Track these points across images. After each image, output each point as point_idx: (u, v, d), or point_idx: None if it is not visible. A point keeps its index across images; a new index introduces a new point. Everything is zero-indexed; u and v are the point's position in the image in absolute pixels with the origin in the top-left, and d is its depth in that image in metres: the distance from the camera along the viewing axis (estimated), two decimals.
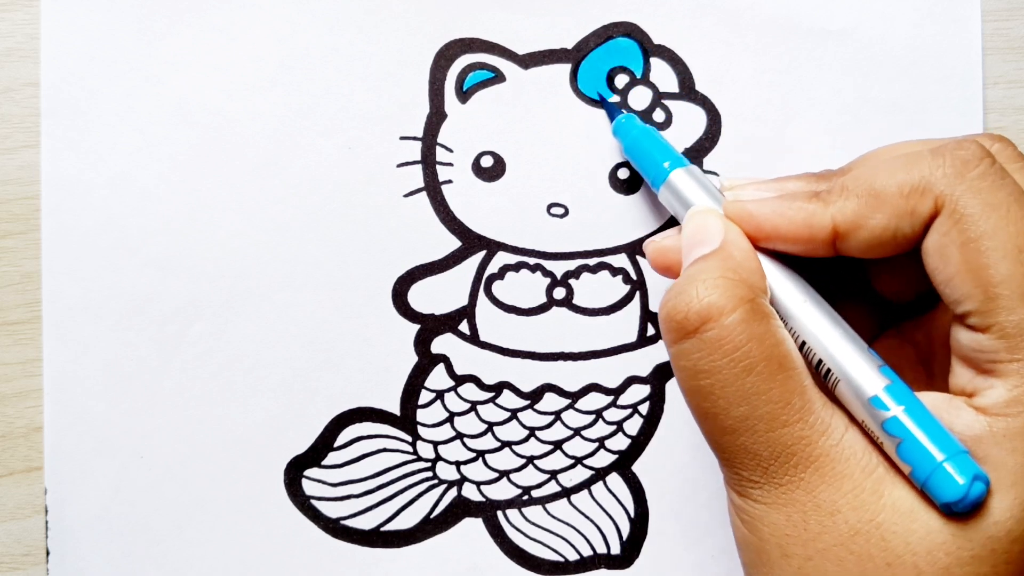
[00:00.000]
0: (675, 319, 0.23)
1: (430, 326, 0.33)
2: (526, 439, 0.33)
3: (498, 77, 0.33)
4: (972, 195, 0.22)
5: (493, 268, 0.33)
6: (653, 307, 0.33)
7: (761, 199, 0.25)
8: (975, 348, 0.22)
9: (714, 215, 0.26)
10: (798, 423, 0.22)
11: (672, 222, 0.33)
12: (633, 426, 0.33)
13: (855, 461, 0.22)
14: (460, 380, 0.33)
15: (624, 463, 0.33)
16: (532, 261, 0.33)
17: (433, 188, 0.33)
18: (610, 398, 0.33)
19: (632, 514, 0.33)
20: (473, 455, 0.33)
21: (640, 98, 0.33)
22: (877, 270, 0.27)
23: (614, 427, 0.33)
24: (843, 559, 0.22)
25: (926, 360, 0.26)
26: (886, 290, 0.27)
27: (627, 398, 0.33)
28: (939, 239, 0.22)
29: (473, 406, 0.33)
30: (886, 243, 0.23)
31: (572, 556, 0.33)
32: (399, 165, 0.33)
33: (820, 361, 0.24)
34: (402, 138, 0.33)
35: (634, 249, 0.33)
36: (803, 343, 0.24)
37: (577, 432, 0.33)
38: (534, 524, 0.33)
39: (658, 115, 0.33)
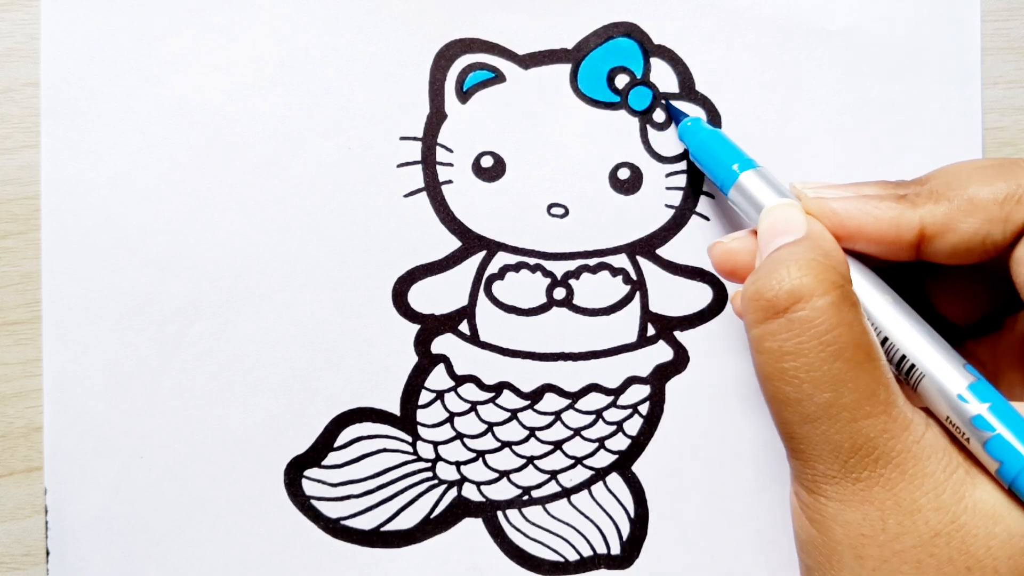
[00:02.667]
0: (765, 296, 0.23)
1: (430, 326, 0.33)
2: (526, 439, 0.33)
3: (498, 77, 0.33)
4: None
5: (493, 268, 0.33)
6: (653, 307, 0.33)
7: (843, 197, 0.25)
8: None
9: (796, 209, 0.26)
10: (882, 415, 0.22)
11: (671, 227, 0.33)
12: (633, 426, 0.33)
13: (936, 459, 0.22)
14: (460, 380, 0.33)
15: (624, 463, 0.33)
16: (532, 261, 0.33)
17: (433, 188, 0.33)
18: (610, 398, 0.33)
19: (632, 514, 0.33)
20: (473, 455, 0.33)
21: (640, 98, 0.33)
22: (939, 291, 0.26)
23: (614, 427, 0.33)
24: (922, 562, 0.21)
25: (993, 380, 0.26)
26: (949, 311, 0.26)
27: (627, 398, 0.33)
28: None
29: (473, 406, 0.33)
30: (973, 249, 0.23)
31: (572, 556, 0.33)
32: (399, 165, 0.33)
33: (903, 358, 0.24)
34: (402, 138, 0.33)
35: (634, 249, 0.33)
36: (884, 339, 0.24)
37: (577, 432, 0.33)
38: (534, 524, 0.33)
39: (658, 115, 0.33)
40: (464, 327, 0.33)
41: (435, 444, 0.33)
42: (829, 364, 0.22)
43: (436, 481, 0.33)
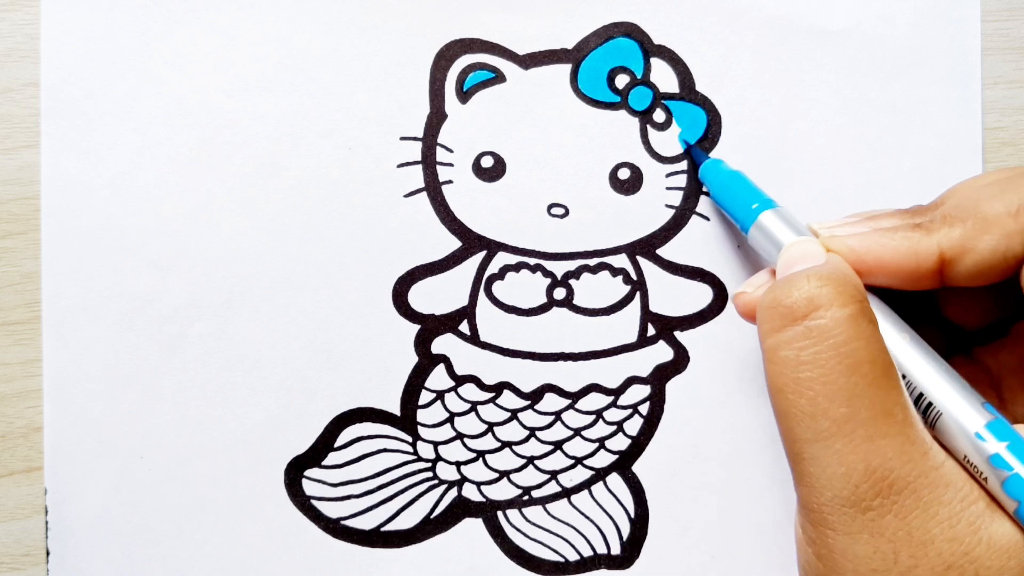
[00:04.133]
0: (783, 303, 0.22)
1: (430, 326, 0.33)
2: (526, 439, 0.33)
3: (498, 77, 0.33)
4: None
5: (493, 268, 0.33)
6: (653, 307, 0.33)
7: (859, 233, 0.25)
8: None
9: (814, 243, 0.25)
10: (899, 436, 0.21)
11: (671, 227, 0.33)
12: (633, 426, 0.33)
13: (955, 489, 0.21)
14: (460, 380, 0.33)
15: (624, 463, 0.33)
16: (532, 261, 0.33)
17: (433, 188, 0.33)
18: (610, 398, 0.33)
19: (632, 514, 0.33)
20: (473, 455, 0.33)
21: (640, 98, 0.33)
22: (948, 298, 0.26)
23: (614, 427, 0.33)
24: None
25: (997, 386, 0.26)
26: (957, 317, 0.26)
27: (627, 398, 0.33)
28: None
29: (473, 406, 0.33)
30: (996, 265, 0.23)
31: (572, 556, 0.33)
32: (399, 165, 0.33)
33: (920, 395, 0.23)
34: (402, 138, 0.33)
35: (634, 249, 0.33)
36: (902, 376, 0.23)
37: (577, 432, 0.33)
38: (534, 524, 0.33)
39: (658, 115, 0.33)
40: (464, 327, 0.33)
41: (435, 444, 0.33)
42: (846, 377, 0.21)
43: (436, 481, 0.33)
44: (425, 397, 0.33)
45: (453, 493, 0.33)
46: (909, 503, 0.21)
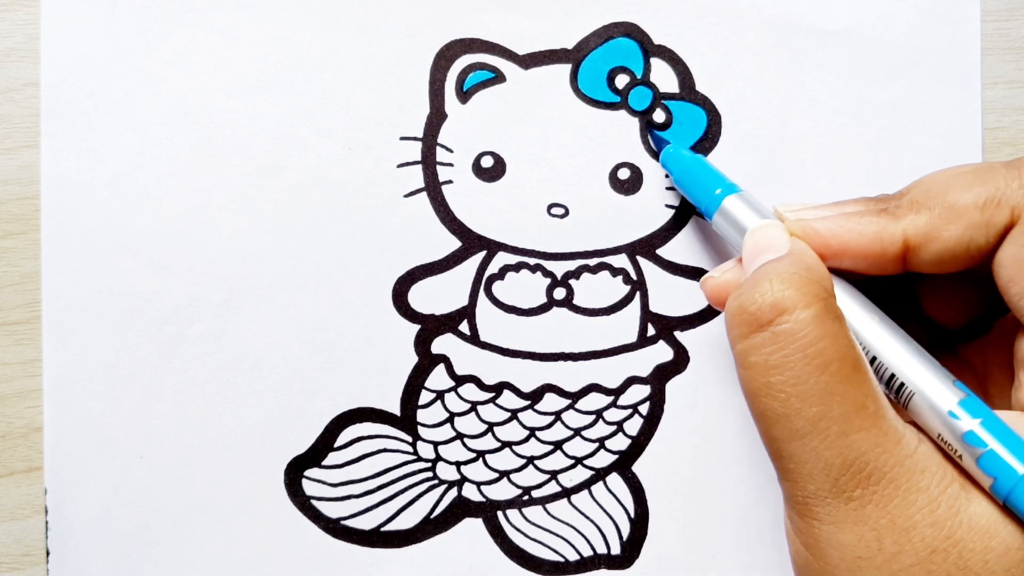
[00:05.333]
0: (748, 310, 0.22)
1: (430, 326, 0.33)
2: (526, 439, 0.33)
3: (498, 77, 0.33)
4: None
5: (493, 268, 0.33)
6: (653, 307, 0.33)
7: (824, 216, 0.25)
8: None
9: (778, 228, 0.25)
10: (872, 428, 0.21)
11: (671, 227, 0.33)
12: (633, 426, 0.33)
13: (930, 474, 0.22)
14: (460, 380, 0.33)
15: (624, 463, 0.33)
16: (532, 261, 0.33)
17: (433, 188, 0.33)
18: (610, 398, 0.33)
19: (632, 514, 0.33)
20: (473, 455, 0.33)
21: (640, 98, 0.33)
22: (929, 295, 0.26)
23: (614, 427, 0.33)
24: None
25: (982, 381, 0.26)
26: (939, 315, 0.26)
27: (627, 398, 0.33)
28: (1016, 250, 0.22)
29: (473, 406, 0.33)
30: (958, 256, 0.23)
31: (572, 556, 0.33)
32: (399, 165, 0.33)
33: (892, 376, 0.23)
34: (402, 138, 0.33)
35: (634, 249, 0.33)
36: (873, 358, 0.24)
37: (577, 432, 0.33)
38: (534, 524, 0.33)
39: (658, 115, 0.33)
40: (464, 327, 0.33)
41: (435, 444, 0.33)
42: (816, 377, 0.21)
43: (436, 481, 0.33)
44: (425, 397, 0.33)
45: (453, 493, 0.33)
46: (888, 492, 0.21)
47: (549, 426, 0.33)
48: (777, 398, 0.22)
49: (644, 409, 0.33)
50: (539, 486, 0.33)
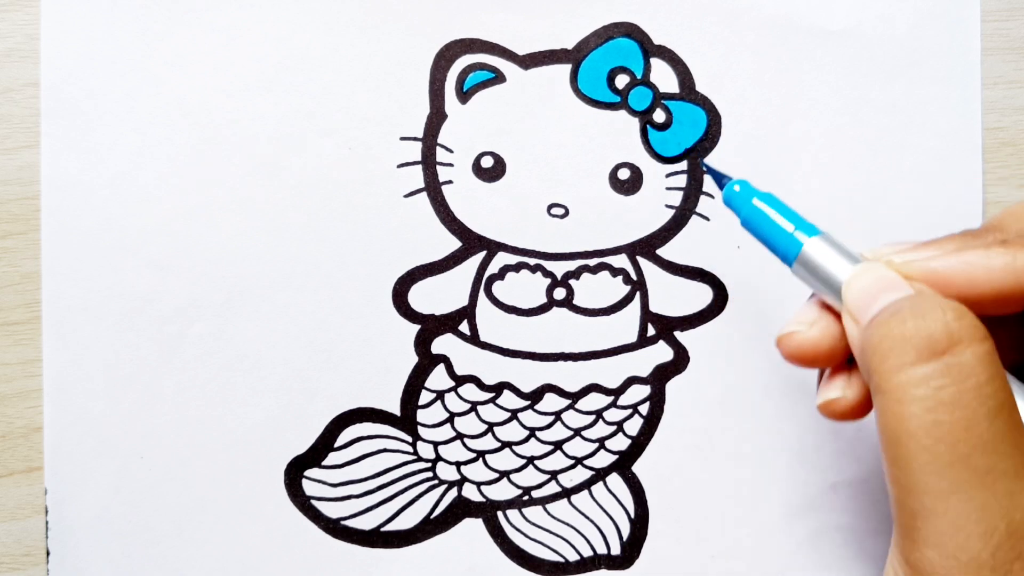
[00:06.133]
0: (920, 335, 0.19)
1: (430, 326, 0.33)
2: (526, 439, 0.33)
3: (498, 77, 0.33)
4: None
5: (493, 268, 0.33)
6: (653, 307, 0.33)
7: (933, 254, 0.22)
8: None
9: (887, 270, 0.22)
10: None
11: (671, 227, 0.33)
12: (633, 426, 0.33)
13: None
14: (460, 380, 0.33)
15: (624, 463, 0.33)
16: (532, 261, 0.33)
17: (433, 188, 0.33)
18: (610, 398, 0.33)
19: (632, 514, 0.33)
20: (473, 455, 0.33)
21: (640, 98, 0.33)
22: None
23: (614, 427, 0.33)
24: None
25: None
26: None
27: (627, 398, 0.33)
28: None
29: (473, 406, 0.33)
30: None
31: (572, 556, 0.33)
32: (399, 166, 0.33)
33: None
34: (402, 138, 0.33)
35: (634, 249, 0.33)
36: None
37: (577, 432, 0.33)
38: (534, 524, 0.33)
39: (658, 115, 0.33)
40: (464, 327, 0.33)
41: (435, 444, 0.33)
42: (989, 421, 0.18)
43: (436, 481, 0.33)
44: (425, 397, 0.33)
45: (453, 493, 0.33)
46: None
47: (549, 426, 0.33)
48: (944, 440, 0.19)
49: (644, 409, 0.33)
50: (539, 486, 0.33)
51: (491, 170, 0.33)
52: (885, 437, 0.20)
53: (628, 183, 0.33)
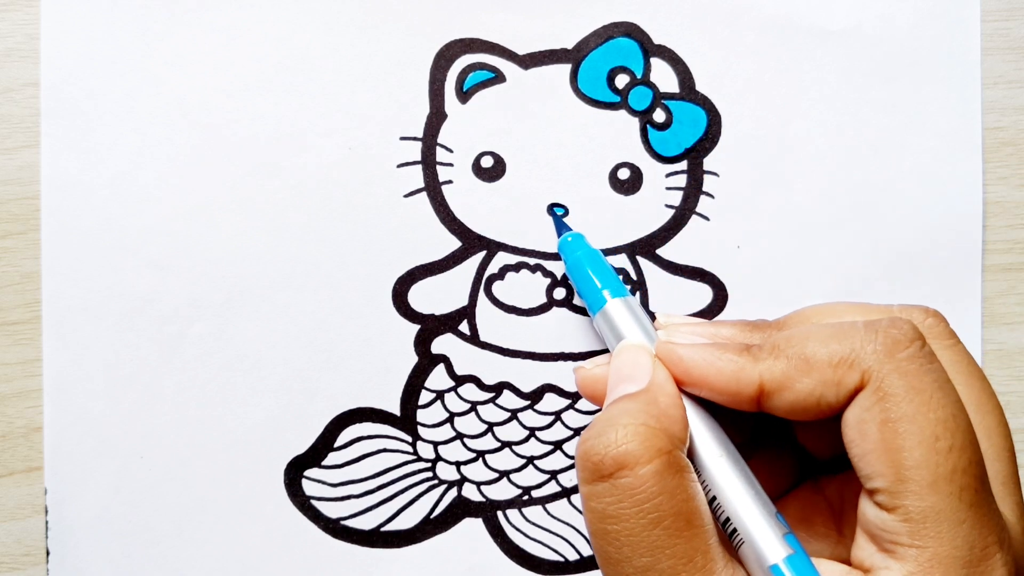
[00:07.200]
0: (592, 460, 0.23)
1: (430, 326, 0.33)
2: (526, 439, 0.33)
3: (498, 77, 0.33)
4: (898, 376, 0.22)
5: (493, 268, 0.33)
6: (653, 307, 0.33)
7: (693, 344, 0.25)
8: (879, 526, 0.22)
9: (645, 353, 0.26)
10: None
11: (671, 227, 0.33)
12: None
13: None
14: (460, 380, 0.33)
15: None
16: (532, 261, 0.33)
17: (433, 188, 0.33)
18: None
19: None
20: (473, 455, 0.33)
21: (640, 98, 0.33)
22: (800, 425, 0.26)
23: None
24: None
25: (838, 517, 0.26)
26: (808, 444, 0.27)
27: None
28: (860, 413, 0.23)
29: (473, 406, 0.33)
30: (809, 408, 0.23)
31: (572, 556, 0.33)
32: (399, 165, 0.33)
33: (727, 520, 0.24)
34: (402, 138, 0.33)
35: (634, 249, 0.33)
36: (713, 498, 0.24)
37: (577, 432, 0.33)
38: (534, 524, 0.33)
39: (658, 115, 0.33)
40: (464, 327, 0.33)
41: (435, 444, 0.33)
42: (648, 531, 0.22)
43: (436, 481, 0.33)
44: (425, 397, 0.33)
45: (453, 493, 0.33)
46: None
47: (549, 426, 0.33)
48: (612, 544, 0.23)
49: None
50: (539, 486, 0.33)
51: (491, 170, 0.33)
52: (588, 532, 0.24)
53: (628, 183, 0.33)
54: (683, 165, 0.33)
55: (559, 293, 0.33)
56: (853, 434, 0.23)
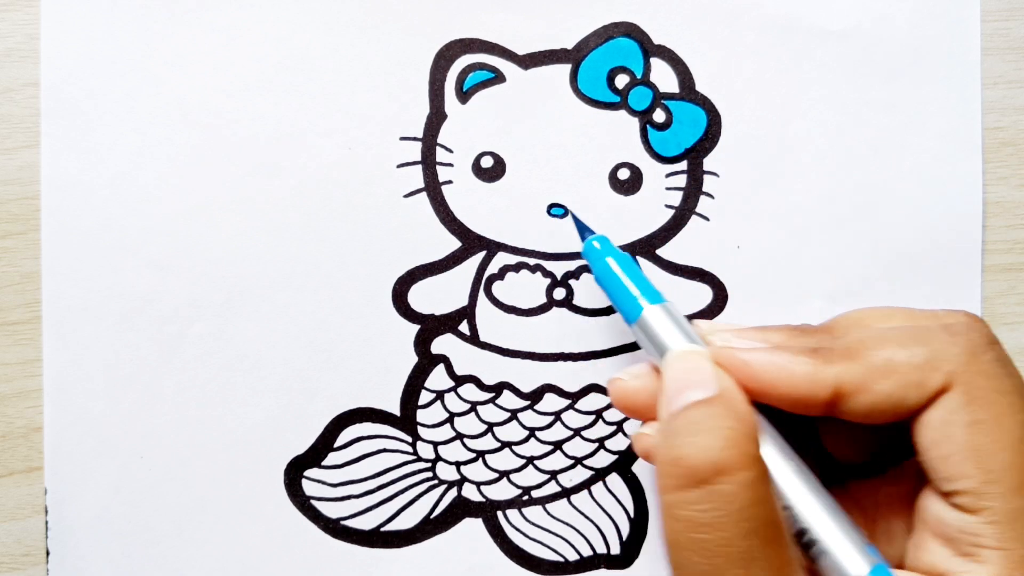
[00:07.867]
0: (687, 463, 0.22)
1: (430, 326, 0.33)
2: (526, 439, 0.33)
3: (498, 77, 0.33)
4: (984, 379, 0.22)
5: (493, 268, 0.33)
6: None
7: (754, 347, 0.24)
8: (961, 529, 0.22)
9: (706, 359, 0.24)
10: None
11: (671, 227, 0.33)
12: (633, 427, 0.33)
13: None
14: (460, 380, 0.33)
15: (624, 463, 0.33)
16: (532, 261, 0.33)
17: (433, 188, 0.33)
18: (610, 399, 0.33)
19: (632, 514, 0.33)
20: (473, 455, 0.33)
21: (640, 98, 0.33)
22: (828, 430, 0.26)
23: (614, 427, 0.33)
24: None
25: (871, 522, 0.26)
26: (836, 451, 0.26)
27: None
28: (944, 415, 0.22)
29: (473, 406, 0.33)
30: (886, 411, 0.23)
31: (572, 556, 0.33)
32: (399, 165, 0.33)
33: (803, 531, 0.23)
34: (402, 138, 0.33)
35: (634, 249, 0.33)
36: (785, 507, 0.23)
37: (577, 432, 0.33)
38: (534, 524, 0.33)
39: (658, 115, 0.33)
40: (464, 327, 0.33)
41: (435, 444, 0.33)
42: (746, 541, 0.21)
43: (436, 481, 0.33)
44: (425, 397, 0.33)
45: (453, 493, 0.33)
46: None
47: (549, 426, 0.33)
48: (703, 555, 0.22)
49: None
50: (539, 486, 0.33)
51: (491, 170, 0.33)
52: (664, 542, 0.23)
53: (628, 183, 0.33)
54: (683, 165, 0.33)
55: (559, 293, 0.33)
56: (935, 435, 0.22)
